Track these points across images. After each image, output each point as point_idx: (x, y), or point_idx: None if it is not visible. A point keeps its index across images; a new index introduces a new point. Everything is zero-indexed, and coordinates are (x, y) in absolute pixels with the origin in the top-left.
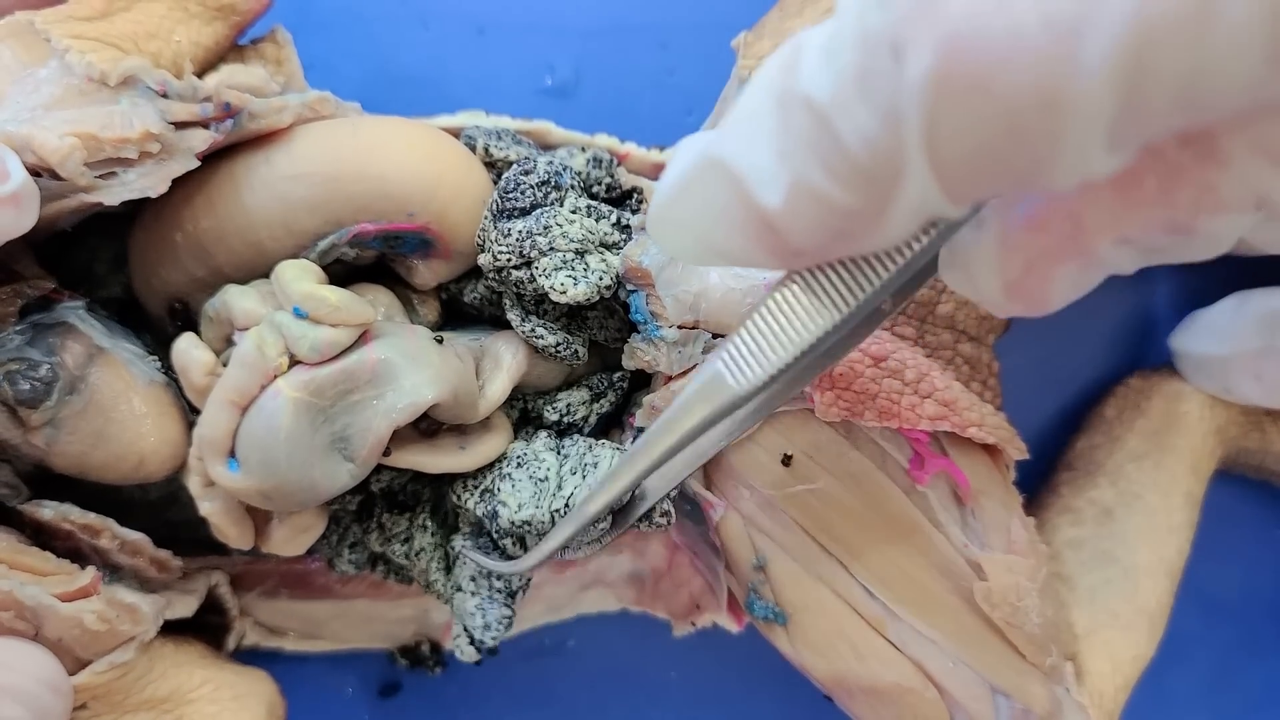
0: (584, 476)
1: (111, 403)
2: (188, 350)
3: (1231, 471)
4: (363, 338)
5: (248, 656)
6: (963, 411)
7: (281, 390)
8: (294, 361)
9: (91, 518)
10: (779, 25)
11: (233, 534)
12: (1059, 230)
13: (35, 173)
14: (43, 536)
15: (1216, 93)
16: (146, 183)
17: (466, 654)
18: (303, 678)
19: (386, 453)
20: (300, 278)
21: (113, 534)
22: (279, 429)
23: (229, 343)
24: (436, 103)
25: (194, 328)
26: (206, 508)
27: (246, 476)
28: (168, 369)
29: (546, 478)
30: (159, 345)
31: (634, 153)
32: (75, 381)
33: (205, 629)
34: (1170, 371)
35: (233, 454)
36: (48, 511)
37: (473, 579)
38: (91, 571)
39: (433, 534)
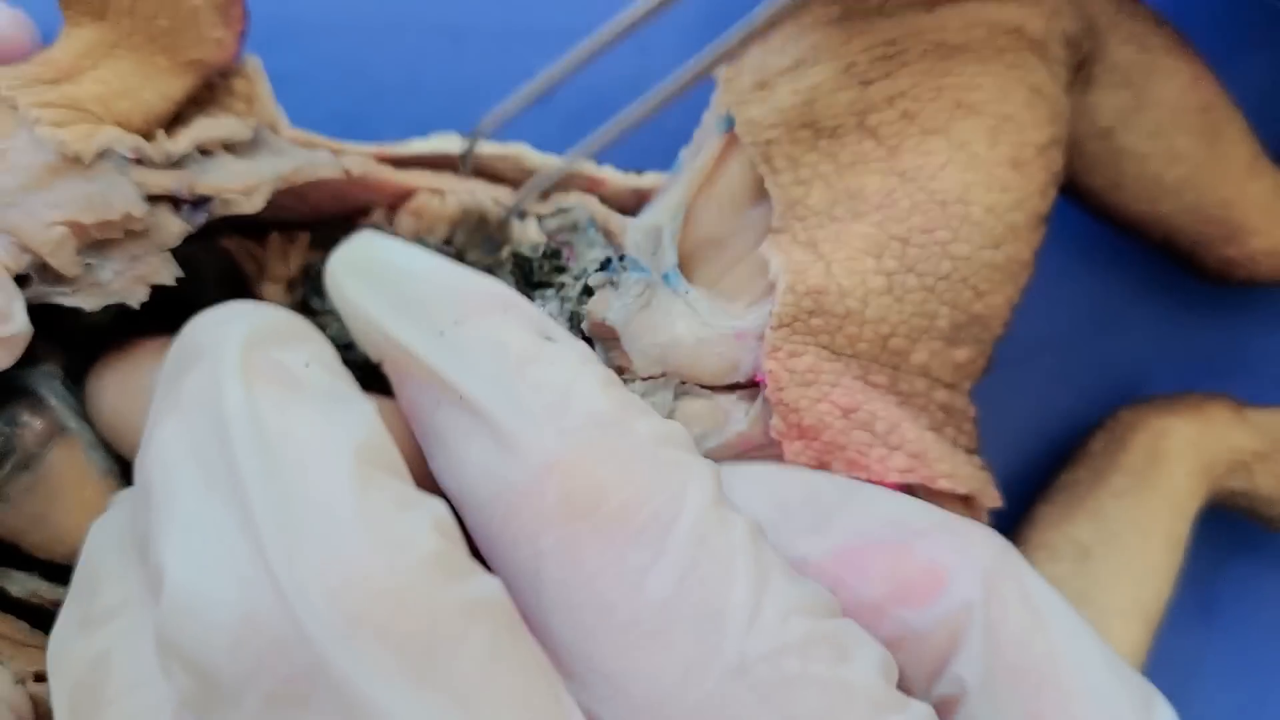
0: None
1: (60, 489)
2: None
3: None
4: None
5: None
6: (933, 463)
7: None
8: None
9: (61, 593)
10: (761, 61)
11: None
12: None
13: (24, 276)
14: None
15: None
16: (121, 285)
17: None
18: None
19: None
20: None
21: None
22: None
23: None
24: (415, 112)
25: None
26: None
27: None
28: None
29: None
30: None
31: (610, 179)
32: (30, 459)
33: None
34: (1160, 406)
35: None
36: (15, 588)
37: None
38: None
39: None
